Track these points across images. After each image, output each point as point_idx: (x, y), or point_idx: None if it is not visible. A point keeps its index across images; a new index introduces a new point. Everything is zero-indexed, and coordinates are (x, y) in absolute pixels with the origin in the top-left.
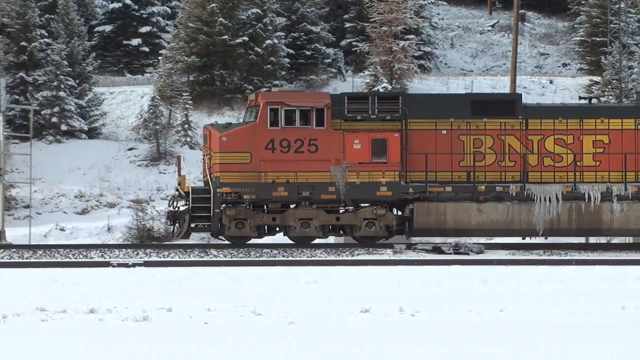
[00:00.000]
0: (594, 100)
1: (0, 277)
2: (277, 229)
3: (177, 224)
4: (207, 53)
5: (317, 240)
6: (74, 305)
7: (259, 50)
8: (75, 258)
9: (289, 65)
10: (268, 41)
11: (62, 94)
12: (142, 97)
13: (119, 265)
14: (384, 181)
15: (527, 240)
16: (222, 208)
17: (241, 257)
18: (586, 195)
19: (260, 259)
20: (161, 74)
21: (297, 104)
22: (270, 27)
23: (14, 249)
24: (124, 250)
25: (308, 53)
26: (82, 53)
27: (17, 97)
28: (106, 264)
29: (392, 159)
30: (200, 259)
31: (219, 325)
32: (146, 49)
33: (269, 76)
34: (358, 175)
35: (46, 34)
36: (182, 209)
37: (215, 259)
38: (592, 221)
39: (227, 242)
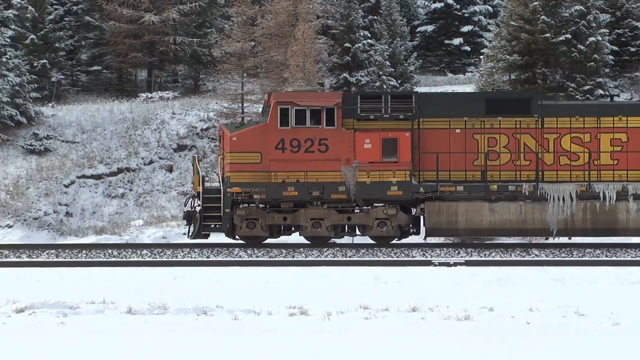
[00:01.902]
0: (615, 99)
1: (326, 275)
2: (293, 228)
3: (192, 224)
4: (529, 51)
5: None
6: (396, 303)
7: (582, 47)
8: (398, 257)
9: (612, 63)
10: (591, 38)
11: None
12: None
13: (441, 264)
14: (394, 180)
15: None
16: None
17: (564, 257)
18: (601, 195)
19: (583, 258)
20: (482, 73)
21: (307, 103)
22: (594, 24)
23: (337, 247)
24: (445, 249)
25: (633, 50)
26: (404, 53)
27: None
28: (428, 263)
29: (403, 159)
30: (522, 258)
31: (541, 325)
32: (467, 48)
33: (592, 74)
34: (368, 174)
35: (369, 35)
36: (198, 209)
37: (537, 258)
38: (608, 221)
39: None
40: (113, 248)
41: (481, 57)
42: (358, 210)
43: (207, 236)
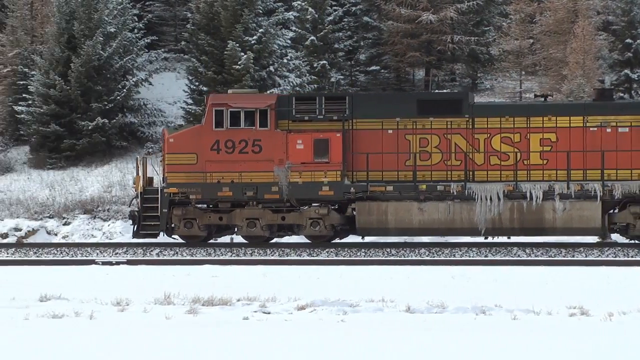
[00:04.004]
0: (549, 99)
1: (607, 274)
2: (236, 228)
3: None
4: None
5: None
6: None
7: None
8: None
9: None
10: None
11: None
12: None
13: None
14: (326, 181)
15: None
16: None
17: None
18: (528, 194)
19: None
20: None
21: (241, 105)
22: None
23: (619, 247)
24: None
25: None
26: None
27: (621, 94)
28: None
29: (334, 159)
30: None
31: None
32: None
33: None
34: (301, 175)
35: None
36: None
37: None
38: (535, 220)
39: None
40: (391, 247)
41: None
42: (289, 210)
43: (153, 235)
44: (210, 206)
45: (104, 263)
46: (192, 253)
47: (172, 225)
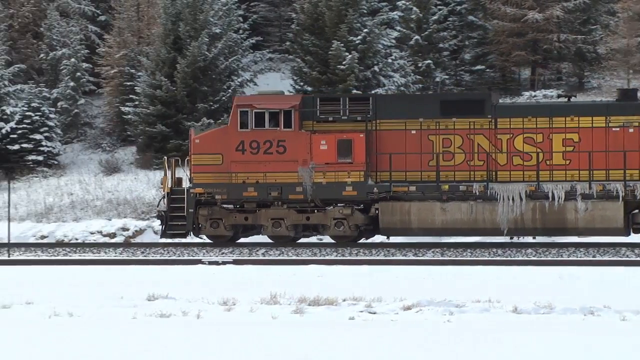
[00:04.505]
0: (573, 99)
1: None
2: (262, 228)
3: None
4: None
5: None
6: None
7: None
8: None
9: None
10: None
11: None
12: None
13: None
14: (349, 181)
15: None
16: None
17: None
18: (550, 194)
19: None
20: None
21: (266, 106)
22: None
23: None
24: None
25: None
26: None
27: None
28: None
29: (358, 159)
30: None
31: None
32: None
33: None
34: (324, 175)
35: None
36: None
37: None
38: (557, 220)
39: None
40: (498, 247)
41: None
42: (317, 210)
43: (181, 235)
44: (236, 206)
45: (210, 263)
46: (298, 253)
47: (199, 225)
